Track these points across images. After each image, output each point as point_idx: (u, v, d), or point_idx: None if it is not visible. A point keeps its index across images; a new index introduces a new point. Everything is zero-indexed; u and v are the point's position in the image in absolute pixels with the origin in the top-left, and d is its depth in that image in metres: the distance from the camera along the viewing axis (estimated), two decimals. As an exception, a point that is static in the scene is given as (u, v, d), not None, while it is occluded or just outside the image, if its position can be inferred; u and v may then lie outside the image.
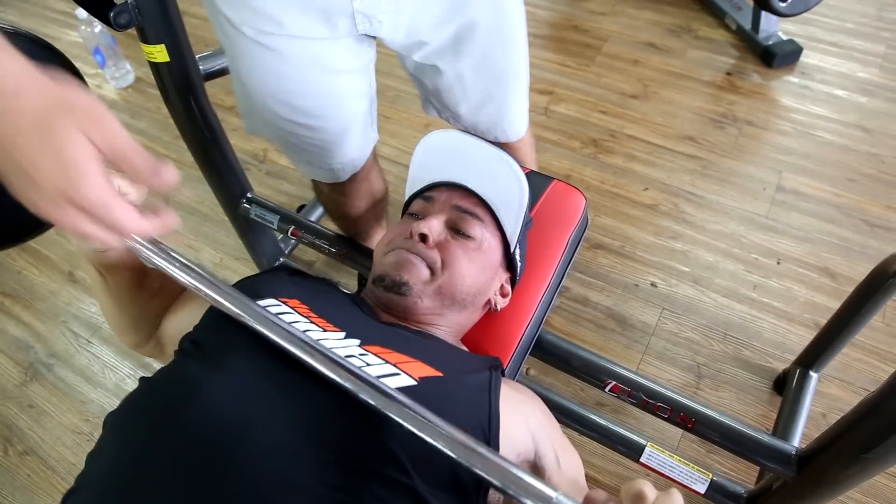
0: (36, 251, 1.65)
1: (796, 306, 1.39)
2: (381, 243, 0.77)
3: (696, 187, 1.67)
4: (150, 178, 0.38)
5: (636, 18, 2.27)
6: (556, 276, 0.90)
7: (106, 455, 0.51)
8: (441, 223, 0.73)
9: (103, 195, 0.36)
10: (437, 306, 0.71)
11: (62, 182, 0.34)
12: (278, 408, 0.49)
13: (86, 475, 0.50)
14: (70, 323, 1.49)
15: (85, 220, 0.36)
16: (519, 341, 0.83)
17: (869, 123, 1.81)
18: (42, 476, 1.23)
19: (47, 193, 0.35)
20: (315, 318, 0.62)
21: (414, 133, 1.89)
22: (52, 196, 0.35)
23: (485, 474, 0.40)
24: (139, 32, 0.92)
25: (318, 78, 0.84)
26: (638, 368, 1.32)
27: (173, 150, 1.92)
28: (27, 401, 1.35)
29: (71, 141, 0.35)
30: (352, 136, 0.94)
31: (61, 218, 0.36)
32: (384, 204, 1.19)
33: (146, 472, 0.46)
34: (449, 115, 1.04)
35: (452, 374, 0.60)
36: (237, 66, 0.85)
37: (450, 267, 0.71)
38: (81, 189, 0.35)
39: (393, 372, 0.55)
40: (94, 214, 0.36)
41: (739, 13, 2.13)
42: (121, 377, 1.38)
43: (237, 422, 0.48)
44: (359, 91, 0.91)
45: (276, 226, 1.17)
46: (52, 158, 0.34)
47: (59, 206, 0.35)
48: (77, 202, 0.35)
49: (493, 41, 0.90)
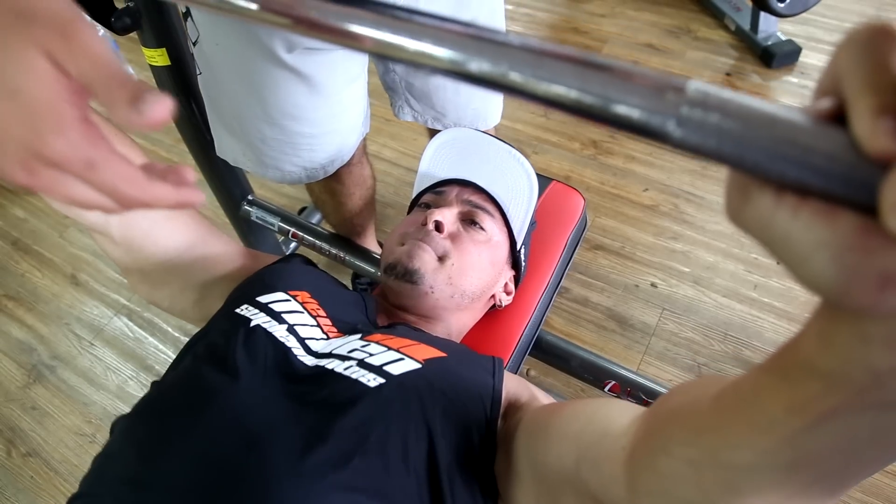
0: (39, 254, 1.66)
1: (797, 306, 1.39)
2: (394, 234, 0.77)
3: (696, 188, 1.68)
4: (133, 112, 0.26)
5: (635, 20, 2.28)
6: (554, 277, 0.90)
7: (116, 461, 0.50)
8: (454, 214, 0.74)
9: (83, 145, 0.26)
10: (445, 298, 0.71)
11: (26, 133, 0.25)
12: (294, 415, 0.50)
13: (93, 481, 0.50)
14: (73, 325, 1.50)
15: (65, 182, 0.27)
16: (518, 341, 0.83)
17: (869, 123, 1.81)
18: (45, 478, 1.24)
19: (10, 150, 0.26)
20: (321, 318, 0.62)
21: (414, 135, 1.90)
22: (17, 154, 0.26)
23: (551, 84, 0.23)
24: (140, 37, 0.93)
25: (335, 88, 0.85)
26: (638, 369, 1.32)
27: (175, 153, 1.93)
28: (30, 403, 1.35)
29: (33, 71, 0.25)
30: (351, 136, 0.95)
31: (33, 182, 0.27)
32: (374, 195, 1.19)
33: (160, 480, 0.46)
34: (430, 117, 1.03)
35: (456, 354, 0.61)
36: (235, 85, 0.83)
37: (461, 256, 0.71)
38: (52, 139, 0.26)
39: (397, 358, 0.55)
40: (75, 173, 0.27)
41: (738, 14, 2.13)
42: (123, 379, 1.38)
43: (255, 430, 0.48)
44: (361, 94, 0.92)
45: (277, 228, 1.18)
46: (9, 99, 0.25)
47: (28, 166, 0.26)
48: (49, 157, 0.26)
49: None
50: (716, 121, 0.19)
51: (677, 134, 0.19)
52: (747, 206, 0.20)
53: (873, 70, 0.17)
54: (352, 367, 0.54)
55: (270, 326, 0.57)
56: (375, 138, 1.89)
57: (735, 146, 0.19)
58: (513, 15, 2.34)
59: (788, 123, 0.18)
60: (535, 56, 0.22)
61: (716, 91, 0.19)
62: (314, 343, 0.59)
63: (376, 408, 0.51)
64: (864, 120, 0.17)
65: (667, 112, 0.19)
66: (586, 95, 0.21)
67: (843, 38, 0.18)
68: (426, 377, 0.54)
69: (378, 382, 0.52)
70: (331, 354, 0.57)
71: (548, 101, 0.22)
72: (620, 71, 0.21)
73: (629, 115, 0.20)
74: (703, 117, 0.19)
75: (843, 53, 0.18)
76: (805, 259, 0.19)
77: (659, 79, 0.20)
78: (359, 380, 0.52)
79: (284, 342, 0.56)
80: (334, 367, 0.54)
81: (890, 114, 0.16)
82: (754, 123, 0.18)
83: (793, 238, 0.19)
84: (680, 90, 0.19)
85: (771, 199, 0.19)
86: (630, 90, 0.20)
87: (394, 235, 0.76)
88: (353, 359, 0.55)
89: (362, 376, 0.53)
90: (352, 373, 0.53)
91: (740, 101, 0.19)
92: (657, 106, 0.19)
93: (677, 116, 0.19)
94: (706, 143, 0.19)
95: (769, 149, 0.18)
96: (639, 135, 0.20)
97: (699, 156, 0.19)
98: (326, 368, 0.54)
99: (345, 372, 0.53)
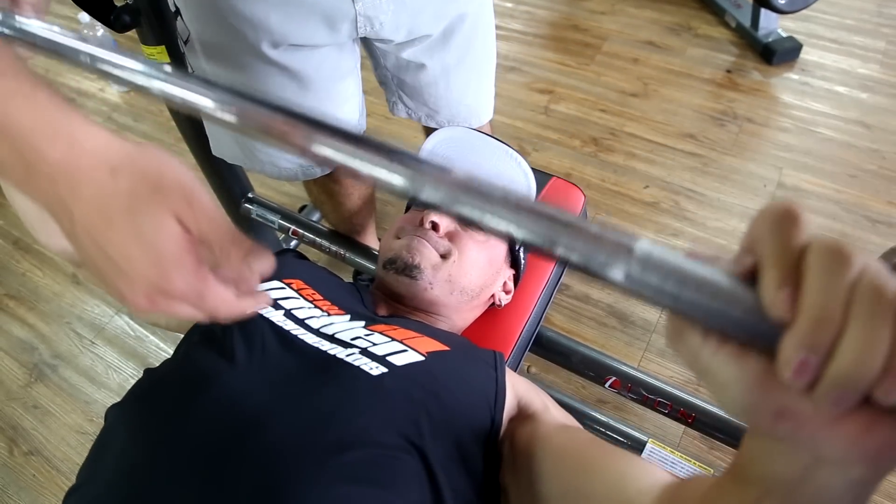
0: (40, 253, 1.67)
1: (798, 303, 1.39)
2: (391, 230, 0.77)
3: (697, 185, 1.67)
4: (241, 267, 0.34)
5: (636, 17, 2.27)
6: (554, 273, 0.90)
7: (111, 449, 0.50)
8: None
9: (197, 284, 0.34)
10: (444, 295, 0.71)
11: (154, 274, 0.32)
12: (293, 400, 0.50)
13: (88, 471, 0.50)
14: (74, 324, 1.50)
15: (175, 306, 0.34)
16: (518, 338, 0.83)
17: (869, 119, 1.81)
18: (47, 476, 1.24)
19: (138, 286, 0.33)
20: (320, 302, 0.62)
21: (414, 133, 1.89)
22: (144, 288, 0.33)
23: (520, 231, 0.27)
24: (140, 34, 0.93)
25: (324, 84, 0.85)
26: (639, 366, 1.32)
27: (176, 152, 1.91)
28: (32, 401, 1.36)
29: (164, 229, 0.32)
30: None
31: (151, 308, 0.34)
32: (374, 192, 1.19)
33: (155, 466, 0.46)
34: (423, 114, 1.02)
35: (459, 348, 0.61)
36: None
37: (460, 255, 0.71)
38: (175, 281, 0.33)
39: (400, 349, 0.56)
40: (186, 302, 0.34)
41: (739, 11, 2.12)
42: (124, 377, 1.38)
43: (250, 414, 0.48)
44: (355, 90, 0.91)
45: (278, 226, 1.18)
46: (144, 249, 0.32)
47: (150, 297, 0.33)
48: (170, 293, 0.33)
49: (477, 30, 0.92)
50: (655, 279, 0.23)
51: (623, 284, 0.24)
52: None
53: (778, 246, 0.22)
54: (354, 354, 0.54)
55: (267, 312, 0.57)
56: (375, 136, 1.89)
57: (670, 299, 0.23)
58: (512, 13, 2.34)
59: (713, 285, 0.23)
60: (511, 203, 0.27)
61: (659, 252, 0.24)
62: (315, 321, 0.59)
63: (377, 397, 0.50)
64: (768, 289, 0.22)
65: (616, 265, 0.24)
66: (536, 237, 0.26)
67: (760, 211, 0.23)
68: (429, 369, 0.54)
69: (380, 371, 0.52)
70: (333, 338, 0.57)
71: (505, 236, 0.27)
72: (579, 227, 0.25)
73: (578, 262, 0.25)
74: (643, 275, 0.23)
75: (759, 224, 0.23)
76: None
77: (613, 238, 0.24)
78: (361, 367, 0.52)
79: (282, 326, 0.56)
80: (336, 353, 0.54)
81: (788, 286, 0.21)
82: (686, 283, 0.23)
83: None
84: (629, 250, 0.24)
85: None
86: (588, 244, 0.24)
87: (391, 232, 0.76)
88: (357, 346, 0.55)
89: (364, 364, 0.53)
90: (354, 360, 0.53)
91: (676, 262, 0.24)
92: (608, 260, 0.24)
93: (625, 272, 0.24)
94: (647, 293, 0.24)
95: (697, 303, 0.23)
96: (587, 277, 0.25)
97: (641, 300, 0.24)
98: (329, 354, 0.54)
99: (347, 359, 0.53)
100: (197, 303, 0.34)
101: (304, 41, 0.78)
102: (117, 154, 0.32)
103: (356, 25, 0.79)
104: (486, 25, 0.94)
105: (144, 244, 0.32)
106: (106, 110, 2.13)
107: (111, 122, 2.08)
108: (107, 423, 0.53)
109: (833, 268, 0.21)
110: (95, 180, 0.31)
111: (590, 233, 0.25)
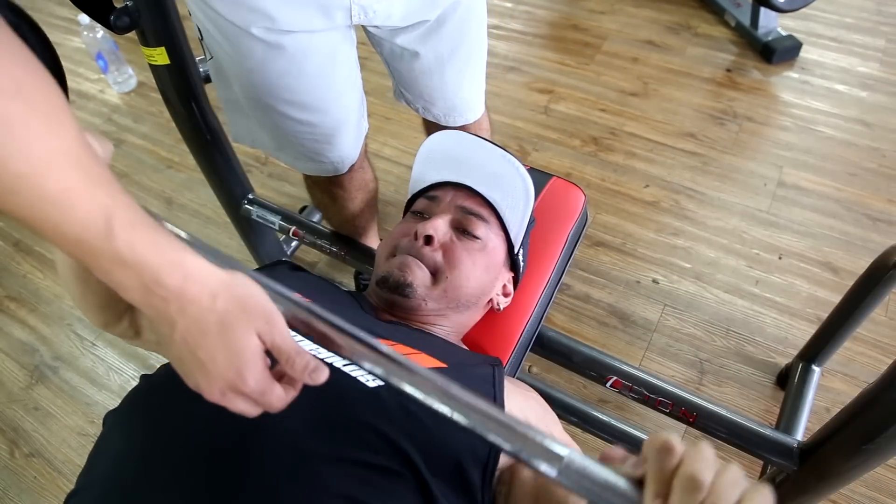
0: (41, 255, 1.67)
1: (798, 301, 1.39)
2: (384, 244, 0.77)
3: (697, 184, 1.67)
4: (303, 376, 0.43)
5: (635, 17, 2.28)
6: (555, 273, 0.90)
7: (108, 454, 0.50)
8: (446, 223, 0.74)
9: (264, 385, 0.42)
10: (441, 307, 0.72)
11: (232, 375, 0.40)
12: (289, 406, 0.50)
13: (86, 476, 0.50)
14: (75, 326, 1.50)
15: (239, 402, 0.42)
16: (519, 338, 0.83)
17: (869, 118, 1.81)
18: (48, 478, 1.24)
19: (216, 382, 0.41)
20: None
21: (415, 133, 1.90)
22: (220, 385, 0.41)
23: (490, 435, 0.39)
24: (139, 36, 0.93)
25: (318, 70, 0.85)
26: (640, 365, 1.32)
27: (176, 153, 1.93)
28: (33, 403, 1.36)
29: (247, 341, 0.40)
30: (349, 127, 0.95)
31: (221, 401, 0.41)
32: (376, 195, 1.19)
33: (150, 473, 0.46)
34: (420, 105, 1.03)
35: (456, 365, 0.61)
36: (235, 68, 0.85)
37: (454, 269, 0.71)
38: (249, 382, 0.41)
39: None
40: (250, 399, 0.42)
41: (738, 10, 2.13)
42: (125, 379, 1.38)
43: (245, 422, 0.48)
44: (353, 81, 0.92)
45: (278, 227, 1.18)
46: (228, 355, 0.40)
47: (224, 392, 0.41)
48: (240, 391, 0.41)
49: (470, 19, 0.92)
50: (573, 481, 0.36)
51: (555, 479, 0.36)
52: None
53: (658, 469, 0.33)
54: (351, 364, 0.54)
55: None
56: (376, 137, 1.89)
57: (586, 494, 0.36)
58: (512, 12, 2.34)
59: (615, 489, 0.35)
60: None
61: (579, 461, 0.36)
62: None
63: (373, 410, 0.50)
64: (647, 498, 0.33)
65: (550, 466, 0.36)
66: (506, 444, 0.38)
67: (650, 440, 0.34)
68: None
69: (377, 384, 0.52)
70: None
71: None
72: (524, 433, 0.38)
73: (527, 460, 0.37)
74: (566, 478, 0.36)
75: (649, 449, 0.34)
76: None
77: (545, 447, 0.37)
78: (358, 378, 0.52)
79: None
80: (333, 362, 0.54)
81: (660, 498, 0.33)
82: (594, 486, 0.35)
83: None
84: (559, 458, 0.36)
85: None
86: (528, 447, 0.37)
87: (385, 245, 0.76)
88: None
89: (361, 375, 0.53)
90: (351, 370, 0.53)
91: (594, 472, 0.35)
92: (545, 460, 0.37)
93: (556, 471, 0.36)
94: (570, 487, 0.36)
95: (605, 498, 0.35)
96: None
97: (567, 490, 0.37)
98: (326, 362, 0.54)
99: (344, 368, 0.53)
100: (259, 399, 0.42)
101: (300, 27, 0.79)
102: (217, 282, 0.41)
103: (350, 14, 0.80)
104: (478, 16, 0.95)
105: (229, 351, 0.40)
106: (106, 111, 2.13)
107: (112, 124, 2.08)
108: (104, 429, 0.53)
109: (691, 489, 0.31)
110: (199, 302, 0.40)
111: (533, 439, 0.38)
